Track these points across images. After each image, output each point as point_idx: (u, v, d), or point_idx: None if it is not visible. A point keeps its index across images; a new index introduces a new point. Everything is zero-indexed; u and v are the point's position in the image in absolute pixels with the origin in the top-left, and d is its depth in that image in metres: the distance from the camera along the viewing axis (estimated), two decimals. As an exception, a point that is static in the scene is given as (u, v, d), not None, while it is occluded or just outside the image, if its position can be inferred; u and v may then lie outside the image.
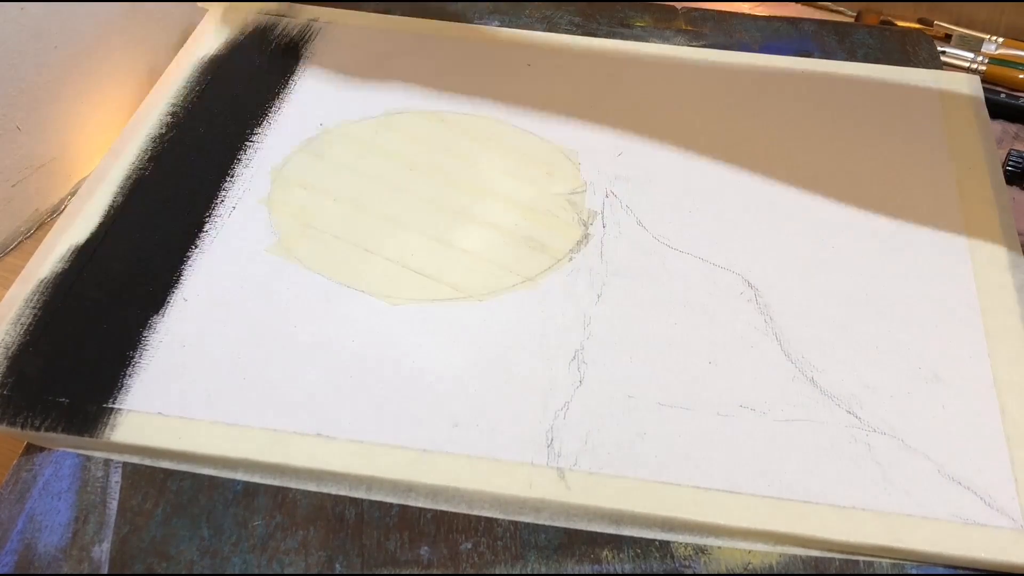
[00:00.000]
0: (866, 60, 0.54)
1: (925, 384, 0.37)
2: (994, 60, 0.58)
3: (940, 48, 0.57)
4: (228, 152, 0.46)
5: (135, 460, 0.35)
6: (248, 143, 0.46)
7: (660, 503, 0.33)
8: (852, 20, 0.63)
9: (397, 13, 0.55)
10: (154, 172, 0.44)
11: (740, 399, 0.36)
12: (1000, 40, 0.59)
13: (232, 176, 0.45)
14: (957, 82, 0.51)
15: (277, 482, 0.34)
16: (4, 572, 0.32)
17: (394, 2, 0.56)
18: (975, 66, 0.58)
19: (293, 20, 0.54)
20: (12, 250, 0.48)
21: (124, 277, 0.40)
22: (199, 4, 0.54)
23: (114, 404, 0.35)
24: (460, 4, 0.57)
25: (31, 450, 0.35)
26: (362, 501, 0.34)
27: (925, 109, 0.49)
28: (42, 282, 0.39)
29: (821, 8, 0.65)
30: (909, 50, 0.55)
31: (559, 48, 0.53)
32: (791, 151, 0.47)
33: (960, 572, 0.32)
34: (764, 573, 0.32)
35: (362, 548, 0.33)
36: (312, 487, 0.34)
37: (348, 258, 0.41)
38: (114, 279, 0.40)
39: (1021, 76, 0.57)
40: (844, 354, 0.38)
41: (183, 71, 0.50)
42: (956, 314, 0.39)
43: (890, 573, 0.32)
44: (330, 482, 0.34)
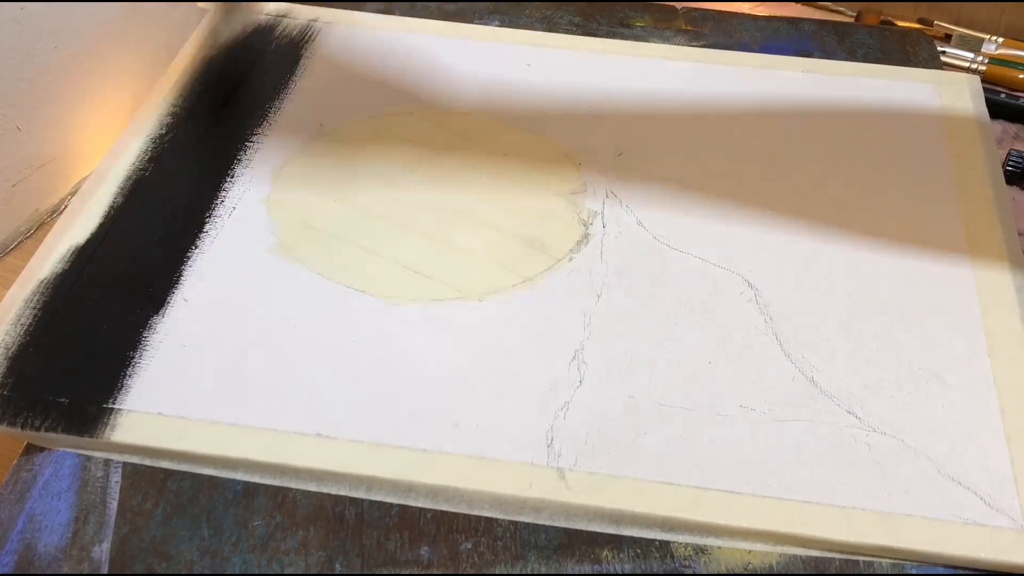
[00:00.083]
0: (866, 60, 0.54)
1: (925, 384, 0.37)
2: (994, 60, 0.58)
3: (940, 48, 0.57)
4: (228, 152, 0.46)
5: (135, 460, 0.35)
6: (248, 143, 0.46)
7: (660, 503, 0.33)
8: (852, 20, 0.63)
9: (397, 13, 0.55)
10: (154, 172, 0.44)
11: (740, 399, 0.36)
12: (1000, 40, 0.59)
13: (232, 176, 0.45)
14: (957, 82, 0.51)
15: (277, 482, 0.34)
16: (4, 572, 0.32)
17: (394, 2, 0.56)
18: (975, 66, 0.58)
19: (293, 20, 0.54)
20: (12, 250, 0.48)
21: (124, 277, 0.40)
22: (199, 4, 0.54)
23: (114, 404, 0.35)
24: (460, 4, 0.57)
25: (31, 450, 0.35)
26: (362, 501, 0.34)
27: (925, 109, 0.49)
28: (42, 282, 0.39)
29: (821, 8, 0.65)
30: (909, 50, 0.55)
31: (559, 48, 0.53)
32: (791, 151, 0.47)
33: (960, 572, 0.32)
34: (764, 573, 0.32)
35: (362, 548, 0.33)
36: (312, 487, 0.34)
37: (348, 258, 0.41)
38: (114, 279, 0.40)
39: (1021, 76, 0.57)
40: (844, 354, 0.38)
41: (183, 71, 0.50)
42: (956, 314, 0.39)
43: (890, 573, 0.32)
44: (330, 482, 0.34)
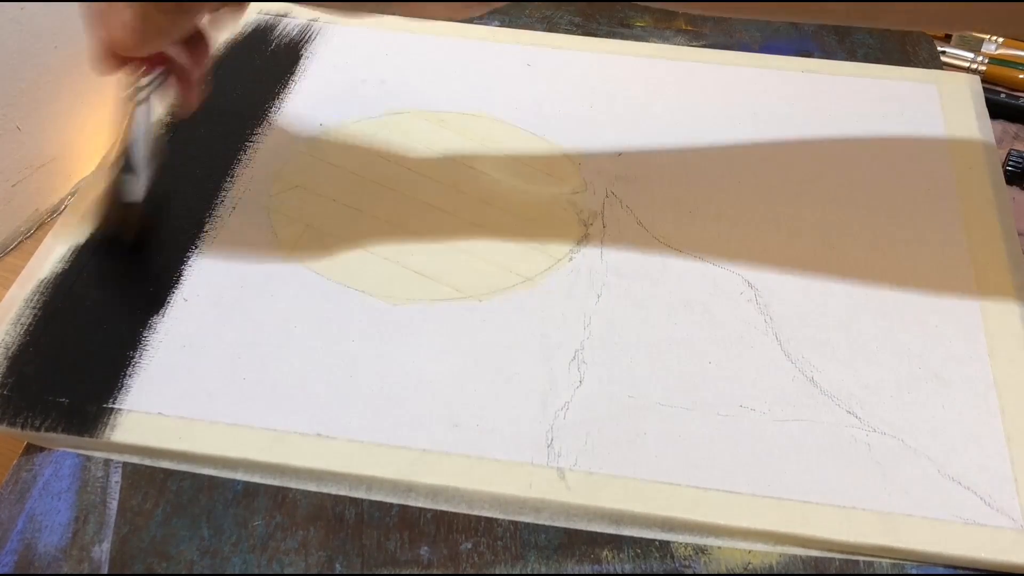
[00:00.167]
0: (866, 60, 0.54)
1: (925, 384, 0.37)
2: (994, 60, 0.58)
3: (940, 48, 0.57)
4: (228, 152, 0.46)
5: (135, 460, 0.35)
6: (248, 143, 0.46)
7: (660, 503, 0.33)
8: (852, 20, 0.63)
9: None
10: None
11: (740, 399, 0.36)
12: (1000, 40, 0.59)
13: (232, 176, 0.45)
14: (957, 82, 0.51)
15: (277, 482, 0.34)
16: (4, 572, 0.32)
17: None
18: (975, 66, 0.58)
19: (293, 20, 0.54)
20: (12, 250, 0.47)
21: (124, 277, 0.40)
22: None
23: (114, 404, 0.35)
24: (460, 4, 0.57)
25: (31, 450, 0.35)
26: (362, 501, 0.34)
27: (925, 109, 0.49)
28: (42, 282, 0.39)
29: (821, 8, 0.65)
30: (909, 50, 0.55)
31: (559, 48, 0.53)
32: (791, 151, 0.47)
33: (960, 572, 0.32)
34: (764, 573, 0.32)
35: (362, 548, 0.33)
36: (312, 487, 0.34)
37: (348, 258, 0.41)
38: (114, 279, 0.40)
39: (1021, 76, 0.57)
40: (844, 354, 0.38)
41: (183, 71, 0.50)
42: (956, 314, 0.39)
43: (890, 573, 0.32)
44: (330, 482, 0.34)
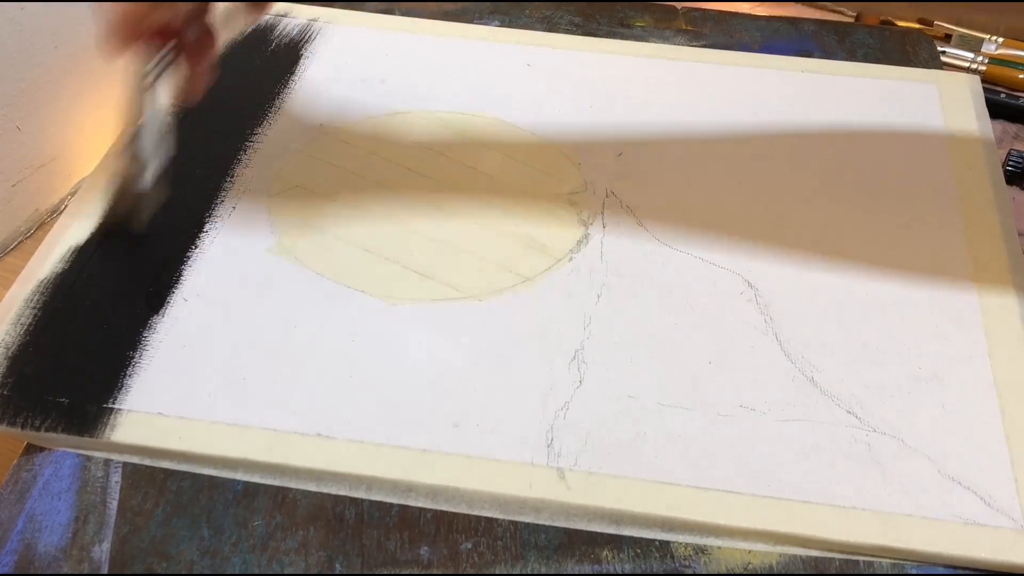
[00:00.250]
0: (866, 60, 0.54)
1: (925, 384, 0.37)
2: (994, 60, 0.58)
3: (940, 48, 0.57)
4: (228, 152, 0.46)
5: (135, 460, 0.35)
6: (248, 143, 0.46)
7: (660, 503, 0.33)
8: (852, 20, 0.63)
9: (397, 13, 0.55)
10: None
11: (740, 399, 0.36)
12: (1000, 40, 0.59)
13: (232, 176, 0.45)
14: (957, 82, 0.51)
15: (277, 482, 0.34)
16: (4, 572, 0.32)
17: (394, 2, 0.56)
18: (975, 66, 0.58)
19: (293, 20, 0.54)
20: (12, 250, 0.48)
21: (124, 277, 0.40)
22: (199, 4, 0.54)
23: (114, 404, 0.35)
24: (460, 4, 0.57)
25: (31, 450, 0.35)
26: (362, 501, 0.34)
27: (925, 109, 0.49)
28: (42, 282, 0.39)
29: (821, 8, 0.65)
30: (909, 50, 0.55)
31: (559, 48, 0.53)
32: (791, 151, 0.47)
33: (960, 572, 0.32)
34: (764, 573, 0.32)
35: (362, 548, 0.33)
36: (312, 487, 0.34)
37: (348, 258, 0.41)
38: (114, 279, 0.40)
39: (1021, 76, 0.57)
40: (844, 354, 0.38)
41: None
42: (956, 314, 0.39)
43: (890, 573, 0.32)
44: (330, 482, 0.34)
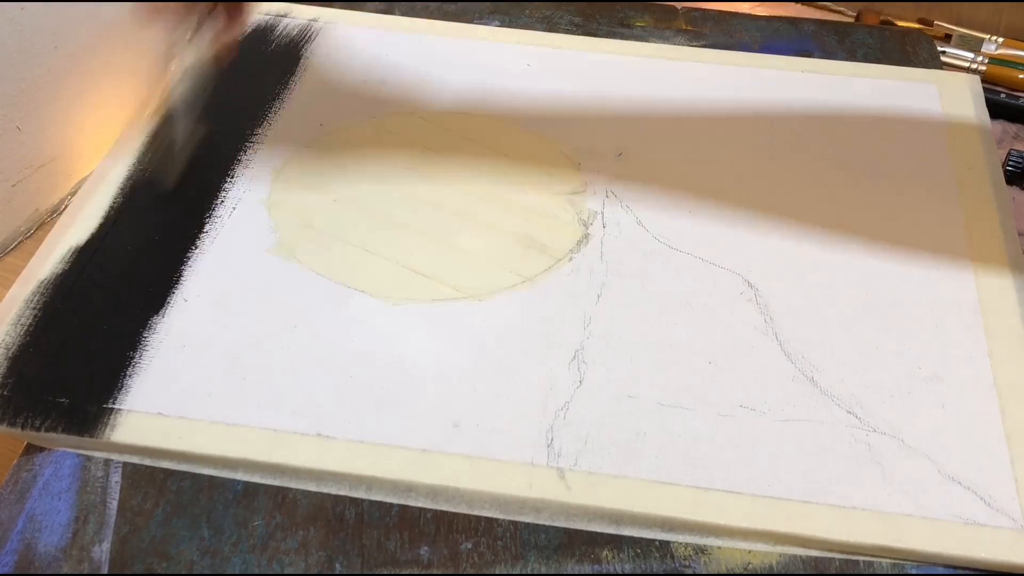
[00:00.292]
0: (866, 60, 0.54)
1: (925, 384, 0.37)
2: (994, 60, 0.58)
3: (940, 48, 0.57)
4: (228, 152, 0.46)
5: (135, 460, 0.35)
6: (248, 143, 0.46)
7: (660, 503, 0.33)
8: (852, 20, 0.63)
9: (397, 13, 0.55)
10: (154, 172, 0.44)
11: (740, 399, 0.36)
12: (1000, 40, 0.59)
13: (232, 176, 0.45)
14: (957, 82, 0.51)
15: (277, 482, 0.34)
16: (4, 572, 0.32)
17: (394, 2, 0.56)
18: (975, 66, 0.58)
19: (293, 20, 0.54)
20: (12, 250, 0.48)
21: (124, 277, 0.40)
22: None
23: (114, 404, 0.35)
24: (460, 4, 0.57)
25: (31, 450, 0.35)
26: (362, 501, 0.34)
27: (925, 109, 0.49)
28: (42, 282, 0.39)
29: (821, 8, 0.65)
30: (909, 50, 0.55)
31: (559, 48, 0.53)
32: (791, 151, 0.47)
33: (960, 572, 0.32)
34: (764, 573, 0.32)
35: (362, 548, 0.33)
36: (312, 487, 0.34)
37: (348, 258, 0.41)
38: (114, 279, 0.40)
39: (1021, 76, 0.57)
40: (844, 354, 0.38)
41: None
42: (956, 314, 0.39)
43: (890, 573, 0.32)
44: (330, 482, 0.34)
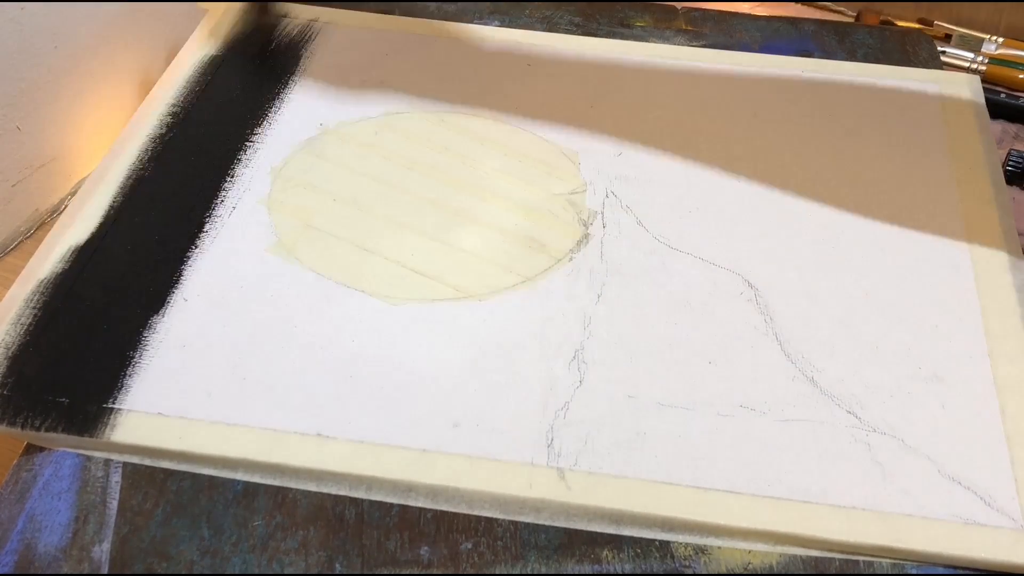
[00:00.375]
0: (866, 60, 0.54)
1: (925, 384, 0.37)
2: (994, 60, 0.58)
3: (940, 48, 0.57)
4: (228, 152, 0.46)
5: (135, 460, 0.35)
6: (248, 143, 0.46)
7: (660, 503, 0.33)
8: (852, 20, 0.63)
9: (397, 13, 0.55)
10: (154, 172, 0.44)
11: (740, 399, 0.36)
12: (1000, 40, 0.59)
13: (232, 176, 0.45)
14: (957, 82, 0.51)
15: (277, 482, 0.34)
16: (4, 572, 0.32)
17: (394, 2, 0.56)
18: (975, 66, 0.58)
19: (293, 20, 0.54)
20: (12, 250, 0.48)
21: (124, 277, 0.40)
22: (199, 4, 0.54)
23: (114, 404, 0.35)
24: (460, 4, 0.57)
25: (31, 450, 0.35)
26: (362, 501, 0.34)
27: (925, 109, 0.49)
28: (42, 282, 0.39)
29: (821, 8, 0.65)
30: (909, 50, 0.55)
31: (559, 48, 0.53)
32: (791, 151, 0.47)
33: (960, 572, 0.32)
34: (764, 573, 0.32)
35: (362, 548, 0.33)
36: (312, 487, 0.34)
37: (348, 258, 0.41)
38: (114, 279, 0.40)
39: (1021, 76, 0.57)
40: (844, 354, 0.38)
41: (183, 71, 0.50)
42: (956, 314, 0.39)
43: (890, 573, 0.32)
44: (330, 482, 0.34)
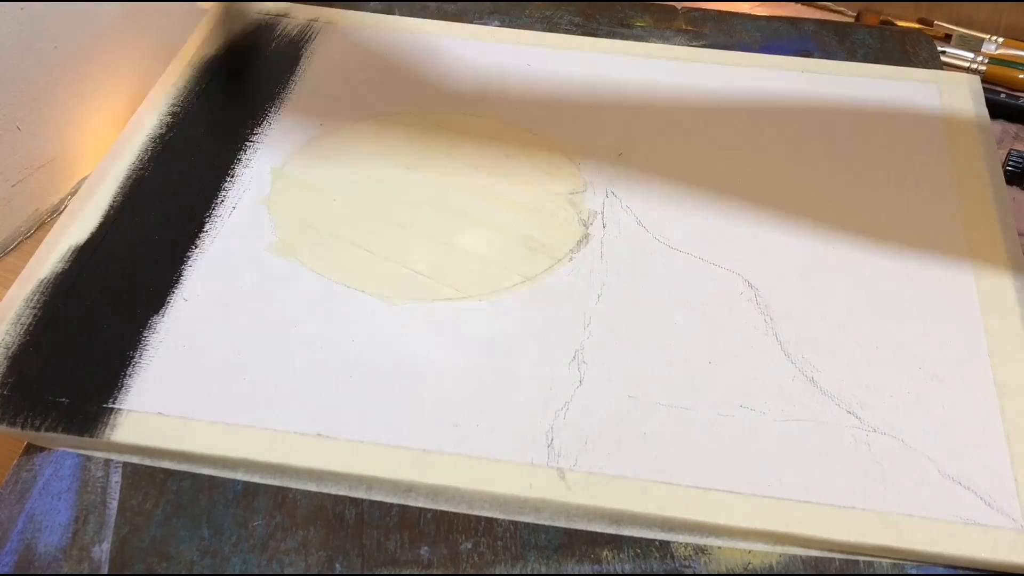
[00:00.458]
0: (866, 60, 0.54)
1: (925, 384, 0.37)
2: (994, 60, 0.58)
3: (940, 48, 0.57)
4: (228, 152, 0.46)
5: (135, 460, 0.35)
6: (248, 143, 0.46)
7: (660, 503, 0.33)
8: (852, 20, 0.63)
9: (397, 13, 0.55)
10: (154, 172, 0.44)
11: (740, 399, 0.36)
12: (1000, 40, 0.59)
13: (232, 176, 0.45)
14: (957, 82, 0.51)
15: (277, 482, 0.34)
16: (4, 572, 0.32)
17: (394, 2, 0.56)
18: (975, 66, 0.58)
19: (293, 20, 0.54)
20: (12, 250, 0.48)
21: (124, 277, 0.40)
22: (199, 4, 0.54)
23: (114, 404, 0.35)
24: (460, 4, 0.57)
25: (31, 450, 0.35)
26: (362, 501, 0.34)
27: (925, 109, 0.49)
28: (42, 282, 0.39)
29: (821, 8, 0.65)
30: (909, 50, 0.55)
31: (559, 48, 0.53)
32: (791, 151, 0.47)
33: (960, 572, 0.32)
34: (764, 573, 0.32)
35: (362, 548, 0.33)
36: (312, 487, 0.34)
37: (348, 258, 0.41)
38: (114, 279, 0.40)
39: (1021, 76, 0.57)
40: (844, 354, 0.38)
41: (183, 71, 0.50)
42: (956, 314, 0.39)
43: (890, 573, 0.32)
44: (330, 482, 0.34)
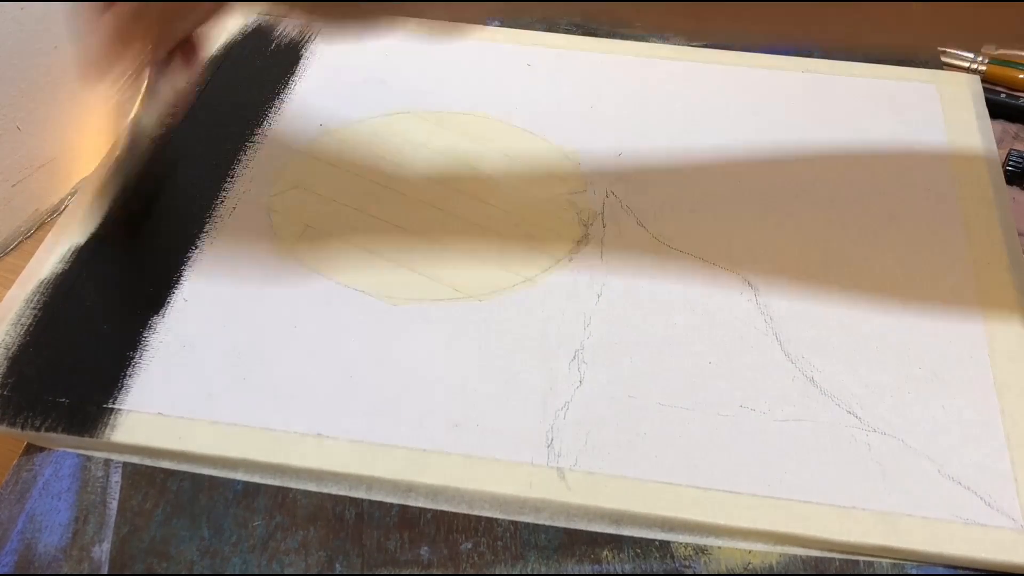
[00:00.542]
0: (866, 60, 0.54)
1: (925, 384, 0.37)
2: (994, 60, 0.58)
3: (940, 48, 0.57)
4: (228, 152, 0.46)
5: (135, 460, 0.35)
6: (248, 143, 0.46)
7: (660, 503, 0.33)
8: (852, 20, 0.63)
9: (397, 13, 0.55)
10: (154, 172, 0.44)
11: (740, 399, 0.36)
12: (1000, 40, 0.59)
13: (232, 176, 0.45)
14: (957, 82, 0.51)
15: (277, 482, 0.34)
16: (4, 572, 0.32)
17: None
18: (975, 66, 0.58)
19: (293, 20, 0.54)
20: (12, 250, 0.47)
21: (124, 277, 0.40)
22: (199, 4, 0.54)
23: (114, 404, 0.35)
24: (460, 4, 0.57)
25: (31, 450, 0.35)
26: (362, 501, 0.34)
27: (925, 109, 0.49)
28: (42, 282, 0.39)
29: (821, 8, 0.65)
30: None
31: (559, 48, 0.53)
32: (791, 151, 0.47)
33: (960, 572, 0.32)
34: (764, 573, 0.32)
35: (362, 548, 0.33)
36: (312, 487, 0.34)
37: (348, 258, 0.41)
38: (114, 279, 0.40)
39: (1021, 76, 0.57)
40: (844, 354, 0.38)
41: (183, 71, 0.50)
42: (956, 314, 0.39)
43: (890, 573, 0.32)
44: (330, 482, 0.34)
